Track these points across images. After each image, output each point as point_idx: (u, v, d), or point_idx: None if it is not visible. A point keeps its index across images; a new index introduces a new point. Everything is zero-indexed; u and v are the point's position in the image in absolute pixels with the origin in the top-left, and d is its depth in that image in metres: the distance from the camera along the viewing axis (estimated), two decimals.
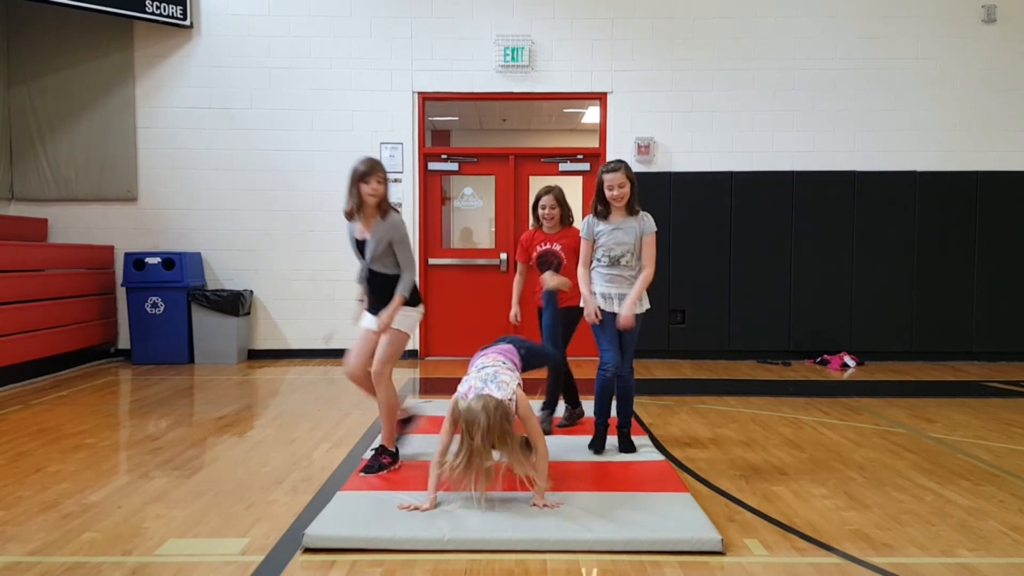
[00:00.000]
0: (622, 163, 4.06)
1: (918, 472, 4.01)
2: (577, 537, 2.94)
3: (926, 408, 5.66)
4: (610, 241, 4.04)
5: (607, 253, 4.05)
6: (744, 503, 3.49)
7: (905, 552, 2.95)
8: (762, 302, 8.00)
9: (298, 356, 8.10)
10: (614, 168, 4.01)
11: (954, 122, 8.06)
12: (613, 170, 4.00)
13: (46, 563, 2.82)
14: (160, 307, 7.68)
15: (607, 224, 4.06)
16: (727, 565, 2.81)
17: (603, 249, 4.06)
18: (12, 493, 3.62)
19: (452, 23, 8.04)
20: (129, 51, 7.99)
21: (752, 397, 6.10)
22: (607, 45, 8.06)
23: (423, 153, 8.23)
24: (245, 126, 8.05)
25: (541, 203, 4.58)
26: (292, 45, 8.03)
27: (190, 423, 5.18)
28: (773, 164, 8.05)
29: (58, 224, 8.05)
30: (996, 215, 7.97)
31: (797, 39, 8.05)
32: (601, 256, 4.08)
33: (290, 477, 3.88)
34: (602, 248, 4.07)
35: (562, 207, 4.56)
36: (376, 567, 2.78)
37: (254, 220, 8.10)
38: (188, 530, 3.15)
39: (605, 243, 4.06)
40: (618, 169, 4.00)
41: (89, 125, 8.00)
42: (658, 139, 8.09)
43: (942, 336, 8.05)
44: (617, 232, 4.03)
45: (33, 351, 6.76)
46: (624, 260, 4.03)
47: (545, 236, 4.61)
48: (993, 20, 7.99)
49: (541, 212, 4.59)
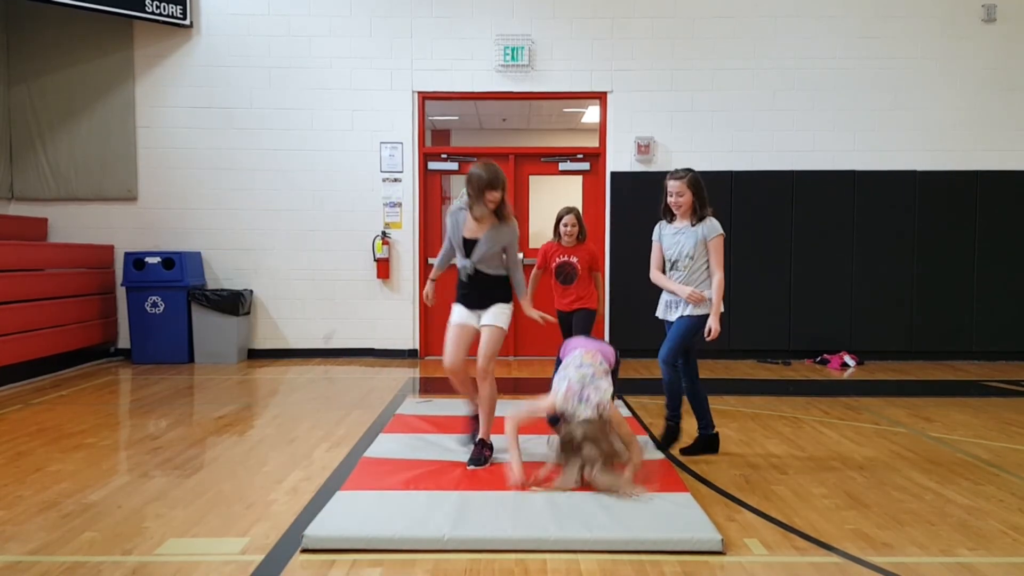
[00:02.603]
0: (688, 172, 4.11)
1: (918, 471, 4.01)
2: (577, 536, 2.94)
3: (926, 407, 5.66)
4: (670, 245, 4.17)
5: (668, 258, 4.19)
6: (744, 503, 3.49)
7: (905, 551, 2.94)
8: (762, 301, 8.00)
9: (298, 356, 8.10)
10: (678, 176, 4.10)
11: (954, 121, 8.06)
12: (676, 177, 4.10)
13: (46, 562, 2.82)
14: (160, 307, 7.68)
15: (671, 228, 4.21)
16: (727, 565, 2.81)
17: (667, 254, 4.20)
18: (12, 492, 3.62)
19: (452, 22, 8.04)
20: (129, 51, 7.99)
21: (752, 396, 6.10)
22: (607, 44, 8.06)
23: (423, 152, 8.23)
24: (245, 126, 8.05)
25: (563, 221, 5.11)
26: (292, 45, 8.03)
27: (190, 423, 5.18)
28: (773, 164, 8.06)
29: (58, 224, 8.05)
30: (996, 214, 7.97)
31: (797, 38, 8.06)
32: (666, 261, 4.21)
33: (290, 477, 3.88)
34: (666, 253, 4.20)
35: (581, 225, 5.12)
36: (376, 567, 2.78)
37: (254, 220, 8.10)
38: (188, 530, 3.15)
39: (666, 247, 4.20)
40: (681, 178, 4.08)
41: (89, 125, 8.01)
42: (658, 138, 8.09)
43: (942, 335, 8.06)
44: (678, 236, 4.14)
45: (33, 350, 6.76)
46: (680, 264, 4.13)
47: (563, 249, 5.13)
48: (993, 20, 7.99)
49: (563, 229, 5.10)
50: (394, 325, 8.11)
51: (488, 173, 3.82)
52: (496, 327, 3.92)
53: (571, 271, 5.10)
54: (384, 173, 8.13)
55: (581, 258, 5.10)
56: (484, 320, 3.96)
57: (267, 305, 8.16)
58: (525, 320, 4.75)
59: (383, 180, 8.13)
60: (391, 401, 5.82)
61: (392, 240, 8.13)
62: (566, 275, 5.11)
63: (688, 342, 4.19)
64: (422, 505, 3.27)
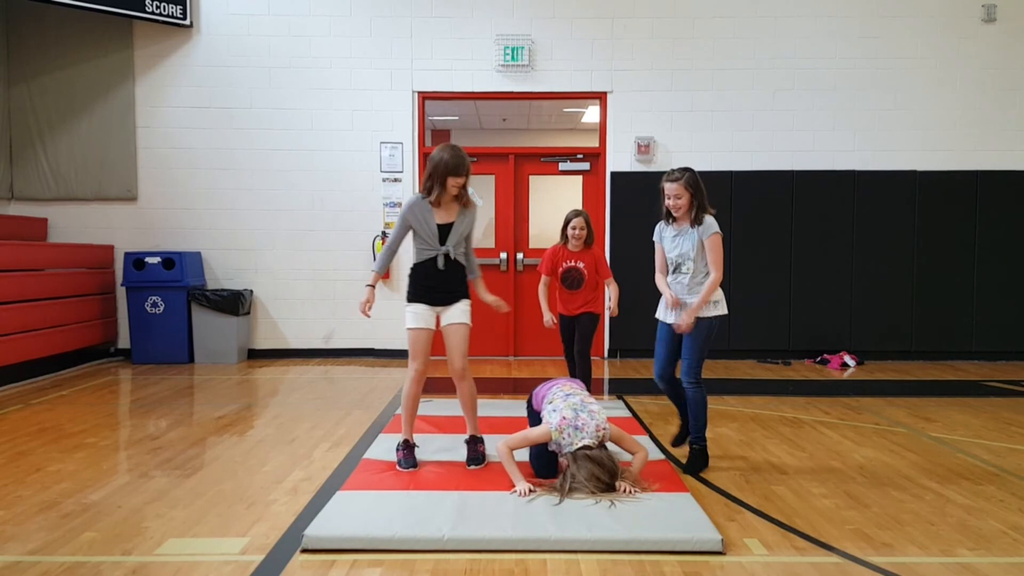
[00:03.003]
0: (685, 172, 3.92)
1: (918, 471, 4.01)
2: (578, 536, 2.94)
3: (926, 407, 5.66)
4: (672, 248, 4.01)
5: (670, 260, 4.03)
6: (744, 503, 3.49)
7: (905, 552, 2.94)
8: (762, 301, 8.00)
9: (298, 356, 8.10)
10: (674, 178, 3.92)
11: (954, 121, 8.06)
12: (672, 179, 3.92)
13: (46, 562, 2.81)
14: (160, 307, 7.68)
15: (671, 230, 4.03)
16: (727, 565, 2.81)
17: (669, 257, 4.04)
18: (12, 492, 3.62)
19: (452, 22, 8.04)
20: (129, 50, 7.99)
21: (752, 396, 6.10)
22: (607, 44, 8.06)
23: (423, 152, 8.22)
24: (245, 125, 8.05)
25: (572, 224, 4.97)
26: (292, 44, 8.03)
27: (190, 423, 5.18)
28: (773, 163, 8.05)
29: (58, 224, 8.04)
30: (996, 214, 7.97)
31: (797, 38, 8.05)
32: (669, 263, 4.05)
33: (290, 477, 3.88)
34: (668, 255, 4.04)
35: (589, 229, 5.00)
36: (376, 567, 2.78)
37: (254, 220, 8.10)
38: (188, 530, 3.15)
39: (668, 249, 4.04)
40: (677, 179, 3.89)
41: (89, 124, 8.00)
42: (658, 138, 8.09)
43: (942, 335, 8.05)
44: (678, 239, 3.98)
45: (33, 350, 6.76)
46: (684, 267, 3.97)
47: (570, 254, 5.03)
48: (993, 19, 7.99)
49: (571, 232, 4.98)
50: (394, 325, 8.08)
51: (454, 159, 3.75)
52: (466, 324, 3.92)
53: (578, 276, 5.02)
54: (384, 173, 8.13)
55: (587, 263, 5.03)
56: (451, 319, 3.90)
57: (267, 305, 8.16)
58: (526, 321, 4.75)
59: (383, 180, 8.13)
60: (391, 401, 5.81)
61: None
62: (573, 280, 5.03)
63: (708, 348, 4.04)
64: (422, 505, 3.27)
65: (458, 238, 3.88)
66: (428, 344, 3.91)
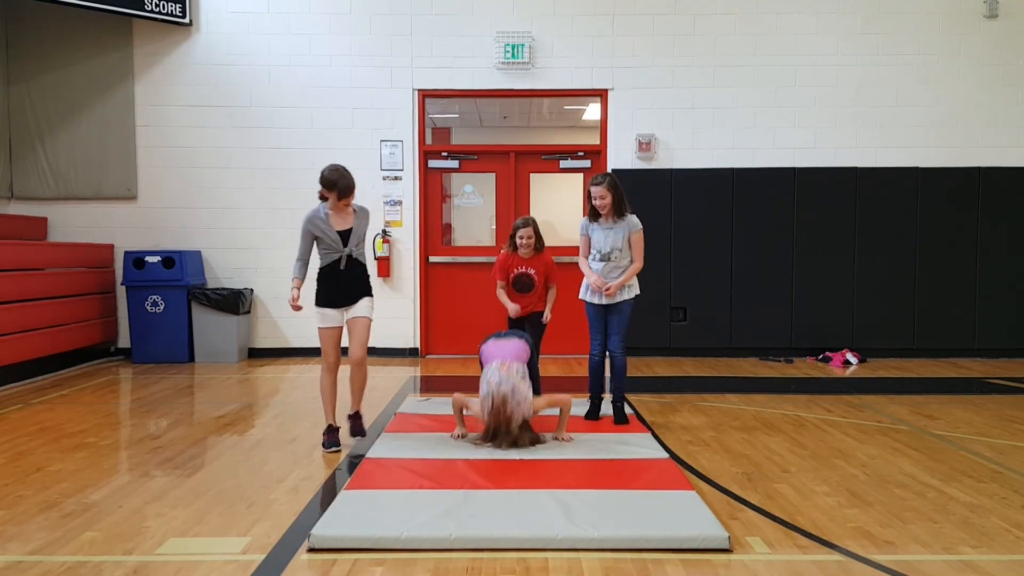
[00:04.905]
0: (606, 177, 4.76)
1: (920, 469, 4.00)
2: (582, 535, 2.93)
3: (928, 405, 5.65)
4: (601, 240, 4.77)
5: (599, 250, 4.78)
6: (746, 501, 3.48)
7: (907, 549, 2.93)
8: (764, 299, 7.99)
9: (298, 355, 8.09)
10: (597, 182, 4.73)
11: (956, 118, 8.04)
12: (596, 184, 4.73)
13: (47, 562, 2.81)
14: (160, 306, 7.67)
15: (598, 225, 4.81)
16: (730, 563, 2.80)
17: (595, 247, 4.79)
18: (13, 492, 3.61)
19: (452, 20, 8.02)
20: (128, 49, 7.97)
21: (754, 394, 6.09)
22: (608, 41, 8.04)
23: (423, 150, 8.21)
24: (245, 124, 8.04)
25: (519, 233, 5.20)
26: (292, 42, 8.01)
27: (190, 422, 5.17)
28: (775, 160, 8.04)
29: (58, 223, 8.03)
30: (998, 211, 7.95)
31: (798, 35, 8.03)
32: (594, 253, 4.81)
33: (291, 476, 3.87)
34: (594, 246, 4.80)
35: (537, 237, 5.23)
36: (377, 565, 2.77)
37: (254, 219, 8.09)
38: (189, 529, 3.14)
39: (596, 241, 4.80)
40: (600, 183, 4.72)
41: (89, 123, 7.99)
42: (659, 136, 8.07)
43: (944, 332, 8.04)
44: (608, 232, 4.76)
45: (33, 350, 6.75)
46: (613, 256, 4.76)
47: (521, 260, 5.24)
48: (995, 15, 7.97)
49: (519, 241, 5.19)
50: (395, 324, 8.10)
51: (341, 183, 4.34)
52: (368, 318, 4.47)
53: (528, 281, 5.22)
54: (384, 171, 8.11)
55: (538, 270, 5.20)
56: (356, 313, 4.44)
57: (267, 304, 8.15)
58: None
59: (383, 178, 8.12)
60: (392, 400, 5.81)
61: (392, 238, 8.12)
62: (523, 285, 5.23)
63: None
64: (427, 504, 3.26)
65: (357, 240, 4.46)
66: (338, 340, 4.46)
